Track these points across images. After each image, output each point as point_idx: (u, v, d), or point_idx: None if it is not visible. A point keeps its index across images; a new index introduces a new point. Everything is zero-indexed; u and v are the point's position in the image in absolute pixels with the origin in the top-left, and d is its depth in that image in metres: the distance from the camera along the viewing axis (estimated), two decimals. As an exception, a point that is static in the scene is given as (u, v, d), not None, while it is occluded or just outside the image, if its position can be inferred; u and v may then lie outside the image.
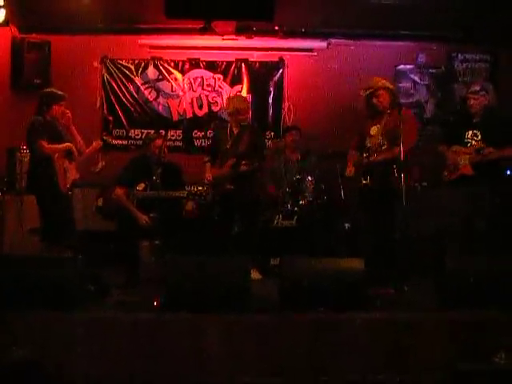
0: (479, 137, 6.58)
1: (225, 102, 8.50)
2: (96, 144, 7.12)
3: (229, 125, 7.54)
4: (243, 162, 7.18)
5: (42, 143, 6.55)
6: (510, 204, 7.05)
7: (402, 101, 8.85)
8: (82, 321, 5.03)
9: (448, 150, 6.73)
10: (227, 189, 7.29)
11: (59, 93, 6.91)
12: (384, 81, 6.79)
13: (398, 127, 6.31)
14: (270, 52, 9.19)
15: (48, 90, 7.09)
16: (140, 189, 7.06)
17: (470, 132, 6.64)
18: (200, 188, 6.86)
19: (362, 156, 6.73)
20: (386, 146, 6.60)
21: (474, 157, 6.52)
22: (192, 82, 9.20)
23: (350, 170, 6.86)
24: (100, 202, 7.38)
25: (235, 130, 7.47)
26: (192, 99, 9.19)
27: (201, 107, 9.19)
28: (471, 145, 6.60)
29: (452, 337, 4.99)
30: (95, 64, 9.05)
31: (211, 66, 9.20)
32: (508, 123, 6.54)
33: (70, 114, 6.88)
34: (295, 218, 7.44)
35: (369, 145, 6.72)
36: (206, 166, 7.52)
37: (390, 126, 6.55)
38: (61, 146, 6.70)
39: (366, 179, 6.62)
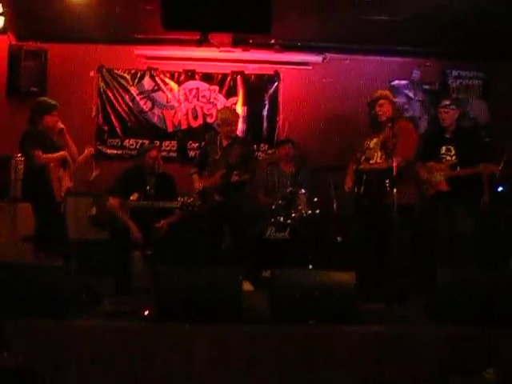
0: (453, 152, 6.68)
1: (219, 113, 8.50)
2: (88, 151, 7.11)
3: (218, 136, 7.59)
4: (235, 173, 7.22)
5: (38, 153, 6.56)
6: (500, 220, 7.11)
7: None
8: (73, 329, 5.04)
9: (423, 167, 6.81)
10: (216, 200, 7.33)
11: (52, 102, 6.90)
12: (388, 92, 6.90)
13: (395, 140, 6.36)
14: (265, 65, 9.21)
15: (41, 99, 7.05)
16: (133, 199, 7.07)
17: (444, 147, 6.74)
18: (192, 199, 6.90)
19: (358, 165, 6.79)
20: (382, 160, 6.64)
21: (448, 173, 6.61)
22: (187, 93, 9.22)
23: (348, 186, 6.90)
24: (93, 211, 7.37)
25: (224, 142, 7.52)
26: (187, 110, 9.21)
27: (196, 118, 9.21)
28: (446, 160, 6.70)
29: (442, 351, 5.01)
30: (91, 73, 9.05)
31: (207, 78, 9.22)
32: (479, 138, 6.63)
33: (62, 125, 6.88)
34: (288, 230, 7.44)
35: (367, 157, 6.75)
36: (192, 177, 7.56)
37: (389, 139, 6.59)
38: (56, 155, 6.70)
39: (359, 189, 6.67)
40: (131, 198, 7.07)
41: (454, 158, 6.68)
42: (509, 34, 7.89)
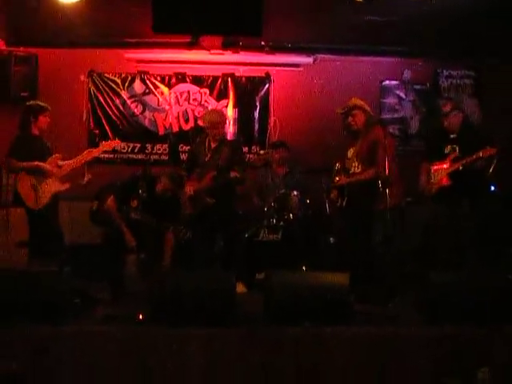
0: (457, 150, 6.68)
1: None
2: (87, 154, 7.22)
3: (207, 139, 7.59)
4: (234, 169, 7.22)
5: (9, 160, 6.75)
6: (492, 219, 7.13)
7: (388, 116, 9.01)
8: (67, 334, 5.04)
9: (430, 167, 6.82)
10: (208, 202, 7.33)
11: (44, 104, 7.12)
12: (360, 101, 6.84)
13: (371, 148, 6.42)
14: (256, 67, 9.22)
15: (32, 102, 7.23)
16: (134, 206, 7.02)
17: (449, 147, 6.75)
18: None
19: (337, 178, 6.83)
20: (359, 169, 6.67)
21: (450, 166, 6.61)
22: (178, 96, 9.21)
23: (334, 194, 7.01)
24: (95, 206, 7.31)
25: (213, 144, 7.54)
26: (178, 113, 9.20)
27: (187, 121, 9.20)
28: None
29: (436, 352, 5.03)
30: (82, 77, 9.04)
31: (197, 81, 9.22)
32: (484, 136, 6.63)
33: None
34: (280, 232, 7.44)
35: (346, 167, 6.81)
36: None
37: (363, 148, 6.64)
38: (26, 164, 6.80)
39: (342, 200, 6.72)
40: (131, 204, 7.03)
41: (457, 154, 6.68)
42: (499, 33, 7.90)
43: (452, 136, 6.81)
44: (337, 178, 6.85)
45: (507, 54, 8.59)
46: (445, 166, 6.68)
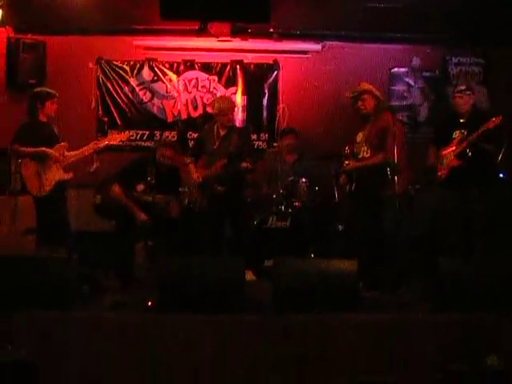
0: (465, 135, 6.63)
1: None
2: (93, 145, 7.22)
3: (215, 126, 7.57)
4: (247, 160, 7.21)
5: (14, 147, 6.78)
6: (501, 206, 7.11)
7: (396, 103, 8.97)
8: (76, 321, 5.05)
9: (439, 152, 6.79)
10: (218, 190, 7.32)
11: (51, 91, 7.11)
12: (370, 86, 6.83)
13: (380, 134, 6.42)
14: (264, 54, 9.19)
15: (39, 88, 7.27)
16: (140, 190, 7.06)
17: (458, 132, 6.70)
18: (194, 196, 6.94)
19: (346, 162, 6.83)
20: (368, 154, 6.67)
21: (458, 147, 6.57)
22: (187, 83, 9.19)
23: (342, 179, 7.00)
24: (98, 200, 7.33)
25: (222, 132, 7.51)
26: (187, 100, 9.18)
27: (196, 108, 9.19)
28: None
29: (444, 338, 5.02)
30: (90, 65, 9.03)
31: (206, 68, 9.20)
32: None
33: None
34: (289, 219, 7.45)
35: (355, 151, 6.80)
36: (189, 167, 7.55)
37: (372, 133, 6.64)
38: (31, 149, 6.83)
39: (350, 185, 6.72)
40: (137, 189, 7.06)
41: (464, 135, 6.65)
42: (508, 19, 7.85)
43: (461, 120, 6.77)
44: (346, 162, 6.83)
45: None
46: (452, 148, 6.65)
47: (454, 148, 6.60)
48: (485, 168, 6.64)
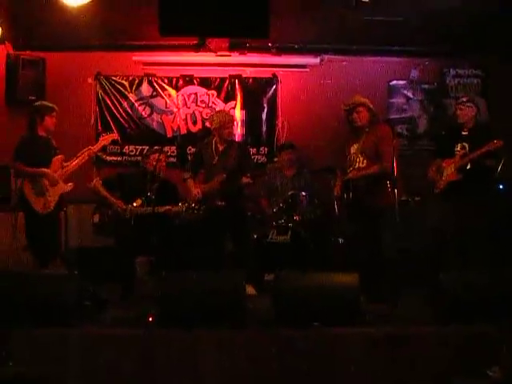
0: (467, 148, 6.66)
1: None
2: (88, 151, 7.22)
3: (214, 141, 7.57)
4: (247, 175, 7.22)
5: (16, 164, 6.81)
6: (500, 217, 7.11)
7: (396, 116, 8.99)
8: (78, 336, 5.05)
9: (440, 163, 6.81)
10: (218, 205, 7.31)
11: (50, 105, 7.13)
12: (365, 99, 6.88)
13: (376, 145, 6.53)
14: (263, 68, 9.21)
15: (39, 102, 7.28)
16: (137, 205, 7.06)
17: (460, 145, 6.74)
18: (195, 204, 6.91)
19: (343, 174, 6.87)
20: (364, 164, 6.69)
21: (459, 161, 6.60)
22: (186, 98, 9.21)
23: (337, 190, 7.04)
24: (96, 219, 7.34)
25: (220, 146, 7.52)
26: (186, 115, 9.20)
27: (195, 123, 9.20)
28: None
29: (446, 351, 5.02)
30: (89, 80, 9.05)
31: (205, 83, 9.22)
32: (495, 136, 6.59)
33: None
34: (289, 233, 7.44)
35: (350, 163, 6.82)
36: (188, 182, 7.55)
37: (368, 144, 6.67)
38: (32, 170, 6.84)
39: (347, 196, 6.73)
40: (134, 204, 7.07)
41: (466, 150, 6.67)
42: (506, 32, 7.88)
43: (463, 133, 6.79)
44: (350, 169, 6.83)
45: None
46: (453, 162, 6.68)
47: (455, 162, 6.63)
48: (484, 182, 6.66)
